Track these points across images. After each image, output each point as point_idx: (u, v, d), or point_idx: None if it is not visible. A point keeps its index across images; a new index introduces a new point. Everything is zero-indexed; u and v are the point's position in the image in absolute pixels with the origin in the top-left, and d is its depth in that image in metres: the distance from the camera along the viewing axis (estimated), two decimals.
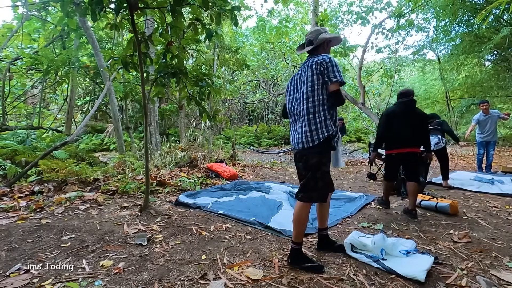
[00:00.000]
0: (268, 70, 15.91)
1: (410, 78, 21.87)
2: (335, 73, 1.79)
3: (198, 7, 2.84)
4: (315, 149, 1.83)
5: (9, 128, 6.36)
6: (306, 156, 1.87)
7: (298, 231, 1.86)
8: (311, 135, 1.81)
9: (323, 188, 1.87)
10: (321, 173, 1.84)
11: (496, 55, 10.87)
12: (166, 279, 1.71)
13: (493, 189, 4.14)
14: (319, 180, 1.83)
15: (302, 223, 1.86)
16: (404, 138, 3.04)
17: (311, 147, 1.82)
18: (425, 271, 1.70)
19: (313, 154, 1.84)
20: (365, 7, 9.50)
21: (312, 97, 1.83)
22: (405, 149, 3.04)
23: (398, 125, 3.06)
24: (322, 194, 1.88)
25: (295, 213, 1.87)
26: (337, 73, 1.79)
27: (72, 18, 4.05)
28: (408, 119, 3.04)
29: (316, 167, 1.83)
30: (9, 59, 7.52)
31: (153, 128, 6.85)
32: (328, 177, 1.92)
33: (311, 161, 1.84)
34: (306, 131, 1.83)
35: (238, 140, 13.75)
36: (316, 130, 1.80)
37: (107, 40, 8.70)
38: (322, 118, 1.81)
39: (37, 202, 3.27)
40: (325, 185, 1.88)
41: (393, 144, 3.13)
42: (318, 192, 1.85)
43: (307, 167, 1.87)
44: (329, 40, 2.03)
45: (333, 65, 1.80)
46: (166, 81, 3.22)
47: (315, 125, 1.81)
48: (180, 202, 3.43)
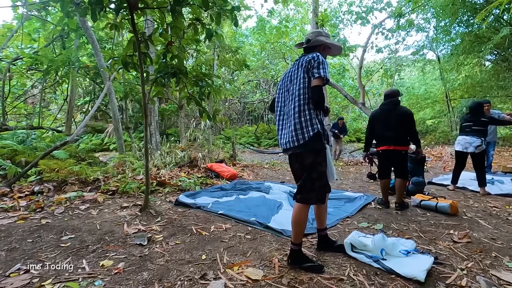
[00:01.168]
0: (268, 70, 15.92)
1: (410, 78, 21.85)
2: (319, 69, 1.77)
3: (198, 7, 2.84)
4: (307, 148, 1.80)
5: (9, 128, 6.36)
6: (301, 156, 1.85)
7: (297, 232, 1.85)
8: (297, 134, 1.81)
9: (321, 189, 1.84)
10: (318, 174, 1.81)
11: (496, 55, 10.86)
12: (166, 279, 1.71)
13: (493, 189, 4.14)
14: (315, 180, 1.81)
15: (301, 224, 1.85)
16: (386, 137, 3.28)
17: (300, 145, 1.80)
18: (425, 271, 1.70)
19: (308, 154, 1.82)
20: (365, 7, 9.50)
21: (298, 96, 1.82)
22: (389, 147, 3.27)
23: (379, 125, 3.35)
24: (320, 195, 1.85)
25: (293, 214, 1.86)
26: (322, 70, 1.76)
27: (72, 18, 4.06)
28: (388, 119, 3.27)
29: (312, 167, 1.81)
30: (9, 59, 7.52)
31: (153, 128, 6.86)
32: (325, 178, 1.89)
33: (306, 161, 1.83)
34: (292, 130, 1.82)
35: (238, 140, 13.76)
36: (302, 130, 1.79)
37: (107, 40, 8.71)
38: (308, 117, 1.80)
39: (37, 202, 3.27)
40: (322, 185, 1.85)
41: (378, 142, 3.41)
42: (316, 193, 1.83)
43: (303, 167, 1.86)
44: (328, 46, 2.01)
45: (319, 62, 1.78)
46: (166, 81, 3.22)
47: (300, 124, 1.80)
48: (180, 202, 3.43)
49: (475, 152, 3.86)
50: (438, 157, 8.21)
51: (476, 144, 3.84)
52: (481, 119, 3.90)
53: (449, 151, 8.74)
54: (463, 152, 4.02)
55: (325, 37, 2.00)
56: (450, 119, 14.48)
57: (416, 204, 3.29)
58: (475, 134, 3.88)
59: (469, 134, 3.93)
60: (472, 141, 3.87)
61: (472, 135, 3.89)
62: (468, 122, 4.00)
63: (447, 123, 14.95)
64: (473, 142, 3.86)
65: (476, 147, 3.83)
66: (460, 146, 4.03)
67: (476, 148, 3.84)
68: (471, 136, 3.90)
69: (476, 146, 3.83)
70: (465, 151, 3.97)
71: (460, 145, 4.03)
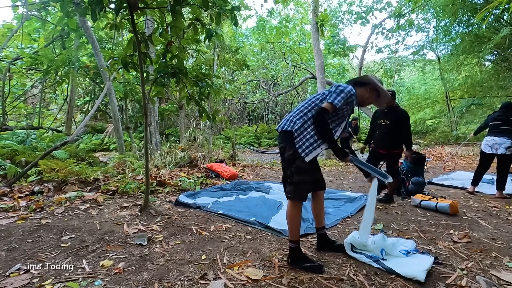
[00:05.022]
0: (268, 70, 15.92)
1: (410, 78, 21.86)
2: (336, 96, 1.77)
3: (198, 7, 2.84)
4: (291, 138, 1.79)
5: (9, 128, 6.36)
6: (283, 148, 1.86)
7: (291, 228, 1.87)
8: (293, 121, 1.83)
9: (300, 185, 1.80)
10: (296, 168, 1.79)
11: (496, 55, 10.86)
12: (166, 279, 1.71)
13: (493, 189, 4.13)
14: (293, 174, 1.80)
15: (292, 220, 1.85)
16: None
17: (289, 131, 1.81)
18: (425, 271, 1.70)
19: (290, 146, 1.81)
20: (365, 7, 9.51)
21: (312, 108, 1.86)
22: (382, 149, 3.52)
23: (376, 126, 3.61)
24: (298, 191, 1.81)
25: (286, 211, 1.89)
26: (338, 98, 1.76)
27: (72, 18, 4.06)
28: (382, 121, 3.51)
29: (291, 160, 1.81)
30: (9, 59, 7.51)
31: (153, 128, 6.85)
32: (306, 175, 1.82)
33: (287, 153, 1.83)
34: (291, 115, 1.88)
35: (238, 140, 13.75)
36: (296, 121, 1.83)
37: (107, 40, 8.70)
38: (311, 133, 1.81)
39: (37, 202, 3.27)
40: (301, 181, 1.80)
41: None
42: (294, 187, 1.80)
43: (284, 159, 1.87)
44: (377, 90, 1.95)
45: (342, 90, 1.78)
46: (166, 81, 3.22)
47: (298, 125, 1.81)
48: (180, 202, 3.43)
49: (505, 154, 3.61)
50: (438, 157, 8.21)
51: (506, 145, 3.59)
52: (510, 118, 3.67)
53: (449, 151, 8.74)
54: (491, 154, 3.75)
55: (378, 80, 1.98)
56: (450, 119, 14.48)
57: (416, 204, 3.29)
58: (505, 135, 3.63)
59: (498, 134, 3.68)
60: (502, 142, 3.63)
61: (502, 135, 3.64)
62: (497, 121, 3.75)
63: (447, 123, 14.96)
64: (503, 143, 3.62)
65: (506, 148, 3.59)
66: (488, 147, 3.75)
67: (507, 149, 3.59)
68: (500, 136, 3.65)
69: (507, 147, 3.58)
70: (494, 152, 3.69)
71: (488, 147, 3.75)
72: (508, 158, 3.68)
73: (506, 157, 3.66)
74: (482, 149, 3.87)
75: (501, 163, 3.73)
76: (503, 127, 3.68)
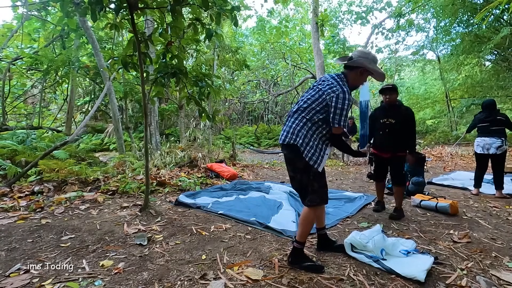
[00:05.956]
0: (268, 70, 15.93)
1: (410, 78, 21.86)
2: (337, 118, 1.74)
3: (198, 7, 2.84)
4: (298, 151, 1.79)
5: (9, 128, 6.36)
6: (292, 160, 1.88)
7: (304, 230, 1.86)
8: (294, 133, 1.81)
9: (321, 189, 1.86)
10: (313, 175, 1.83)
11: (496, 55, 10.87)
12: (166, 279, 1.71)
13: (493, 189, 4.13)
14: (313, 182, 1.83)
15: (310, 223, 1.88)
16: None
17: (293, 145, 1.80)
18: (425, 271, 1.70)
19: (300, 158, 1.81)
20: (365, 7, 9.52)
21: (309, 111, 1.82)
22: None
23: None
24: (322, 196, 1.87)
25: (302, 213, 1.88)
26: (342, 117, 1.74)
27: (72, 18, 4.06)
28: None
29: (306, 169, 1.82)
30: (9, 59, 7.52)
31: (153, 128, 6.86)
32: (323, 178, 1.89)
33: (298, 164, 1.84)
34: (291, 127, 1.84)
35: (238, 140, 13.76)
36: (298, 133, 1.80)
37: (107, 40, 8.70)
38: (315, 142, 1.82)
39: (37, 202, 3.27)
40: (321, 186, 1.86)
41: None
42: (317, 194, 1.84)
43: (296, 169, 1.88)
44: (369, 71, 1.92)
45: (340, 109, 1.73)
46: (166, 81, 3.22)
47: (302, 137, 1.79)
48: (180, 202, 3.43)
49: (496, 154, 3.69)
50: (438, 157, 8.21)
51: (496, 144, 3.66)
52: (497, 118, 3.73)
53: (449, 151, 8.74)
54: (484, 154, 3.81)
55: (369, 60, 1.89)
56: (450, 119, 14.49)
57: (416, 204, 3.29)
58: (494, 135, 3.70)
59: (488, 135, 3.75)
60: (492, 142, 3.70)
61: (492, 135, 3.72)
62: (484, 123, 3.81)
63: (447, 123, 14.97)
64: (493, 143, 3.69)
65: (497, 148, 3.66)
66: (480, 148, 3.83)
67: (497, 149, 3.66)
68: (490, 137, 3.72)
69: (497, 146, 3.66)
70: (486, 153, 3.76)
71: (480, 147, 3.83)
72: (500, 157, 3.75)
73: (498, 157, 3.74)
74: (475, 151, 3.98)
75: (494, 163, 3.81)
76: (492, 127, 3.74)
